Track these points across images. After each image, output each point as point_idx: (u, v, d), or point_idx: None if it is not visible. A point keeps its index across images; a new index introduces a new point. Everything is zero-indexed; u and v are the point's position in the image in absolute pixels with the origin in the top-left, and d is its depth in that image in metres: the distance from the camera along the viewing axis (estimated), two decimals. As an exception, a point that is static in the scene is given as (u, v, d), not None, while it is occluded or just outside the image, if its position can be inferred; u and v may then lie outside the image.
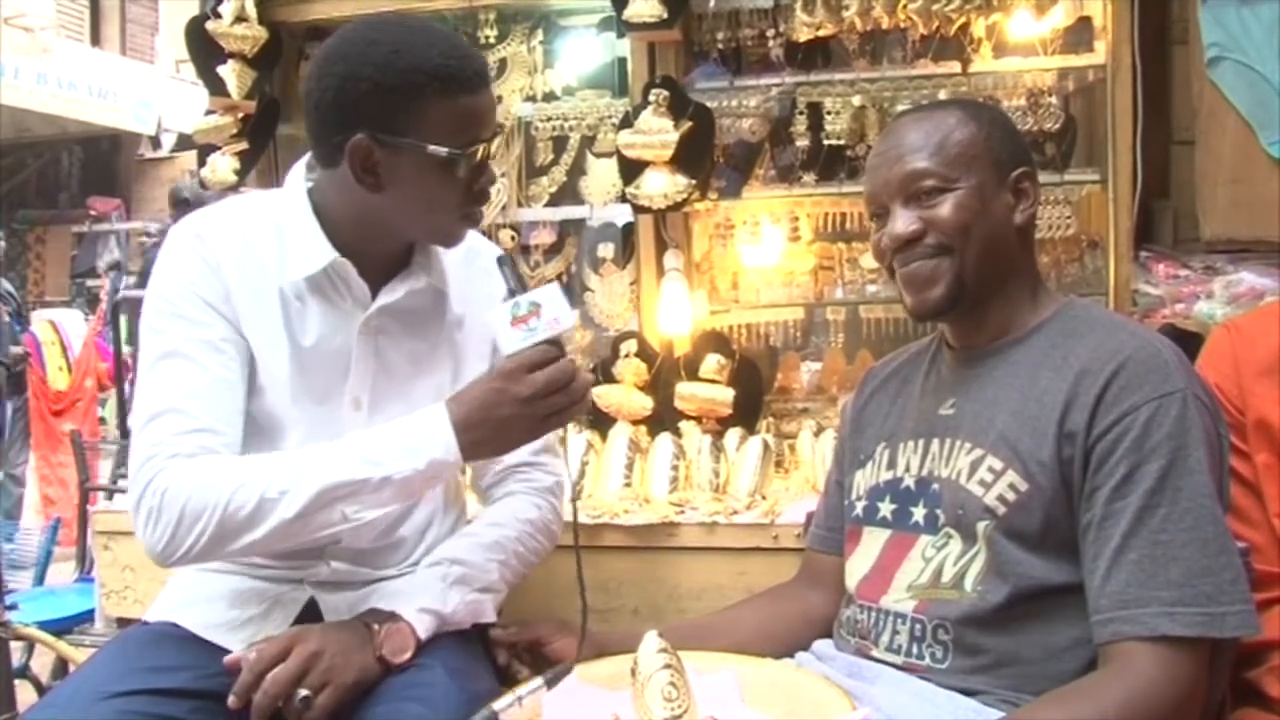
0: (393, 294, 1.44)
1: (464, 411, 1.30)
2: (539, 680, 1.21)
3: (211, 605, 1.43)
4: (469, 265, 1.52)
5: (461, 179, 1.35)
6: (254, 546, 1.31)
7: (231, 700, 1.27)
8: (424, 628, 1.38)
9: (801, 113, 2.39)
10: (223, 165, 2.51)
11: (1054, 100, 2.30)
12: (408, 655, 1.35)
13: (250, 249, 1.41)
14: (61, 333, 6.17)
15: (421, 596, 1.40)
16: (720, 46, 2.41)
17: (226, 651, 1.34)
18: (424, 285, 1.47)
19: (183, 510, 1.28)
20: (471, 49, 1.40)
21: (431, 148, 1.31)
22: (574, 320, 1.27)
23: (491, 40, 2.55)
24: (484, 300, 1.51)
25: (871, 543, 1.39)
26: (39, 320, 6.49)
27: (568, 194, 2.56)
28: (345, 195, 1.38)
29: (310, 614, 1.43)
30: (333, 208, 1.40)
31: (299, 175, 1.45)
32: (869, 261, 2.38)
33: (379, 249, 1.43)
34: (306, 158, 1.46)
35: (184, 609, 1.44)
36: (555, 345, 1.29)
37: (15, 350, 5.55)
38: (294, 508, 1.27)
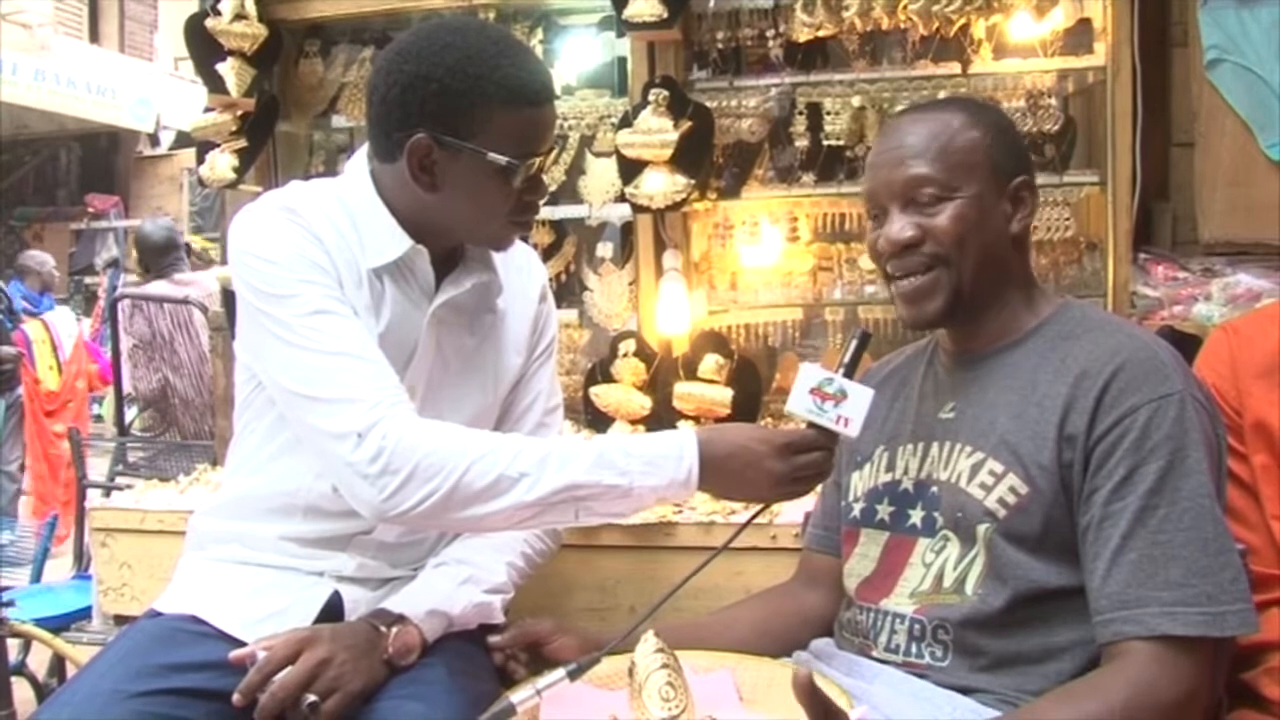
0: (458, 286, 1.45)
1: (714, 450, 1.29)
2: (560, 672, 1.17)
3: (234, 600, 1.40)
4: (506, 263, 1.53)
5: (515, 189, 1.37)
6: (477, 522, 1.28)
7: (236, 698, 1.26)
8: (431, 630, 1.37)
9: (801, 113, 2.39)
10: (221, 163, 2.51)
11: (1053, 102, 2.30)
12: (414, 657, 1.35)
13: (337, 229, 1.40)
14: (52, 331, 6.08)
15: (430, 598, 1.40)
16: (720, 46, 2.40)
17: None
18: (488, 279, 1.48)
19: (416, 466, 1.24)
20: (541, 63, 1.42)
21: (490, 155, 1.33)
22: (858, 432, 1.28)
23: (491, 39, 2.55)
24: (520, 296, 1.53)
25: (870, 545, 1.39)
26: (30, 319, 6.42)
27: (567, 193, 2.55)
28: (401, 189, 1.39)
29: (330, 609, 1.41)
30: (392, 199, 1.41)
31: (361, 163, 1.45)
32: (868, 262, 2.37)
33: (433, 243, 1.43)
34: (365, 147, 1.45)
35: (205, 602, 1.40)
36: (829, 438, 1.29)
37: (7, 350, 5.49)
38: (534, 493, 1.25)
